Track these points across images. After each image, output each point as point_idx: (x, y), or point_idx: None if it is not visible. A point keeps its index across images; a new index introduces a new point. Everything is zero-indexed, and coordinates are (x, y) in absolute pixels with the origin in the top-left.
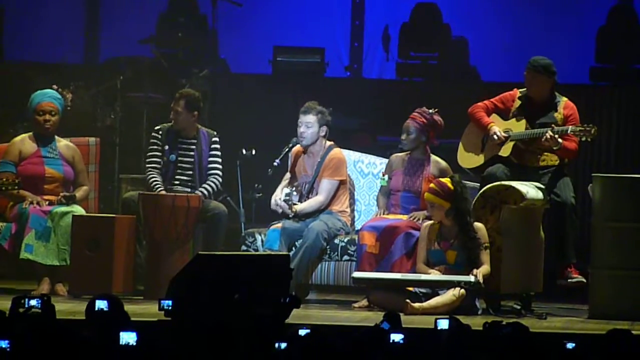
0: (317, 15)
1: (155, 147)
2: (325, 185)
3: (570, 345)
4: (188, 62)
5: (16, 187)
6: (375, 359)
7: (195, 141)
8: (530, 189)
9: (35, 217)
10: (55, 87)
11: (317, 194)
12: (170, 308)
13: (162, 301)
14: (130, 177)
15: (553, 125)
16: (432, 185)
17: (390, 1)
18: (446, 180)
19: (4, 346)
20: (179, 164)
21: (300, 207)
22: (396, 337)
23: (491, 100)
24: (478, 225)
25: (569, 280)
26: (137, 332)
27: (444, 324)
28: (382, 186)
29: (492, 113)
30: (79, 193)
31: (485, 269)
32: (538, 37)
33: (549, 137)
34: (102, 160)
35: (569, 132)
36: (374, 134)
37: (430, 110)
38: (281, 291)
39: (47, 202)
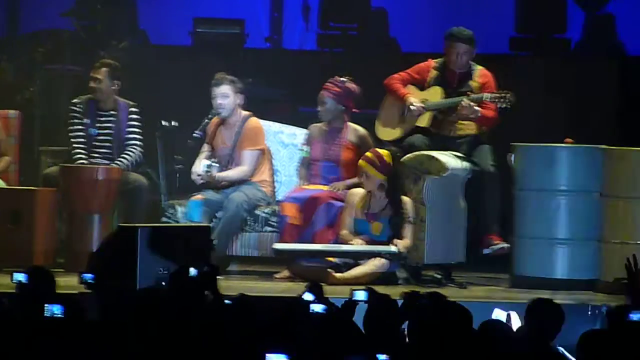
0: None
1: (76, 120)
2: (247, 156)
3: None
4: (107, 34)
5: None
6: (296, 330)
7: (114, 113)
8: (450, 159)
9: None
10: None
11: (237, 165)
12: (91, 282)
13: (83, 275)
14: (50, 150)
15: (469, 93)
16: (368, 154)
17: None
18: (384, 153)
19: None
20: (99, 137)
21: (221, 174)
22: (317, 308)
23: (407, 71)
24: (405, 199)
25: (492, 246)
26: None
27: (360, 295)
28: (303, 157)
29: (408, 84)
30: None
31: (406, 242)
32: (457, 7)
33: (465, 104)
34: (22, 132)
35: (484, 99)
36: (294, 105)
37: (343, 79)
38: (202, 262)
39: None
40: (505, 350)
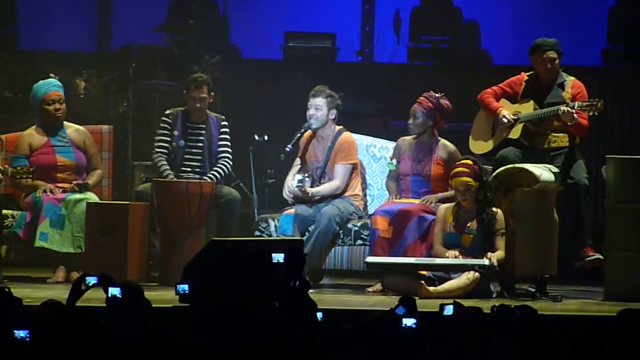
0: (328, 0)
1: (164, 131)
2: (340, 170)
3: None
4: (199, 48)
5: (30, 176)
6: (387, 343)
7: (204, 126)
8: (543, 171)
9: (49, 205)
10: (52, 75)
11: (329, 179)
12: (186, 293)
13: (178, 285)
14: (143, 165)
15: (568, 101)
16: (462, 168)
17: None
18: (469, 161)
19: (23, 336)
20: (188, 150)
21: (315, 189)
22: (408, 322)
23: (499, 85)
24: (495, 210)
25: (587, 259)
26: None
27: (448, 309)
28: (390, 171)
29: (501, 98)
30: (92, 179)
31: (500, 254)
32: (549, 19)
33: (565, 111)
34: (115, 147)
35: (575, 108)
36: (385, 118)
37: (437, 94)
38: (294, 276)
39: (60, 190)
40: None
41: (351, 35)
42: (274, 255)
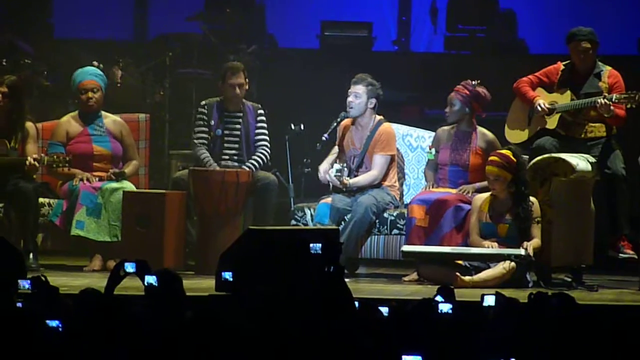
0: None
1: (201, 122)
2: (379, 161)
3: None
4: (236, 38)
5: (67, 165)
6: (423, 329)
7: (241, 114)
8: (580, 161)
9: (85, 193)
10: (95, 63)
11: (366, 168)
12: (229, 281)
13: (222, 273)
14: (180, 153)
15: (605, 94)
16: (494, 157)
17: None
18: (507, 152)
19: (55, 326)
20: (226, 138)
21: (353, 180)
22: (444, 307)
23: (535, 74)
24: (532, 199)
25: (621, 254)
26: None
27: (490, 300)
28: (429, 160)
29: (537, 87)
30: (129, 168)
31: (536, 242)
32: (585, 9)
33: (603, 103)
34: (152, 136)
35: (614, 99)
36: (422, 107)
37: (474, 82)
38: (330, 263)
39: (97, 179)
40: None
41: (388, 25)
42: (311, 245)
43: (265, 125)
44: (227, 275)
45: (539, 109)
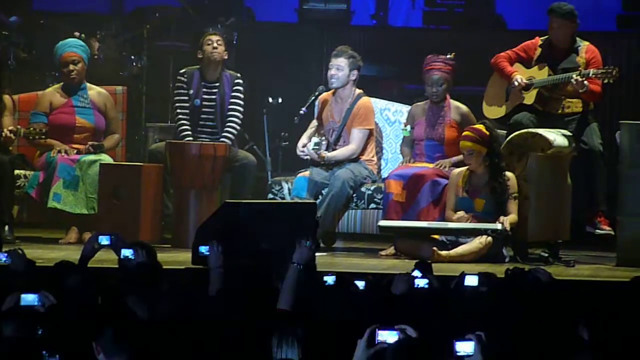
0: None
1: (181, 90)
2: (357, 135)
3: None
4: (214, 10)
5: (43, 137)
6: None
7: (218, 84)
8: (557, 136)
9: (63, 165)
10: (77, 33)
11: (344, 142)
12: (205, 255)
13: (200, 247)
14: (156, 126)
15: (580, 69)
16: (467, 132)
17: None
18: (480, 126)
19: (31, 300)
20: (203, 109)
21: (331, 154)
22: (421, 282)
23: (513, 49)
24: (508, 174)
25: (597, 230)
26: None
27: (472, 280)
28: (404, 137)
29: (515, 62)
30: (109, 142)
31: (512, 217)
32: None
33: (577, 80)
34: (129, 108)
35: (591, 75)
36: (400, 82)
37: (449, 56)
38: (307, 238)
39: (75, 151)
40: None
41: None
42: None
43: (240, 95)
44: (204, 249)
45: (516, 84)
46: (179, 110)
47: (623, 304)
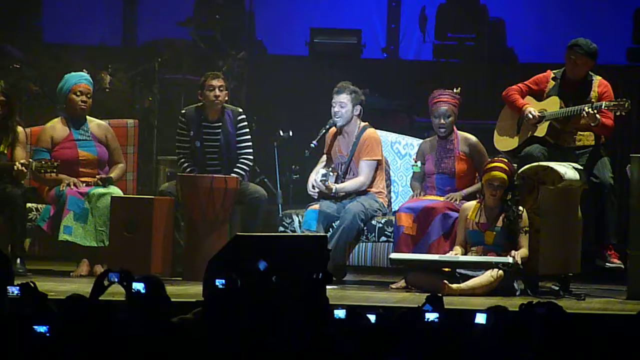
0: None
1: (182, 131)
2: (364, 166)
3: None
4: (225, 43)
5: (54, 170)
6: (411, 338)
7: (220, 124)
8: (568, 170)
9: (72, 198)
10: (85, 71)
11: (353, 175)
12: (222, 287)
13: (216, 280)
14: (168, 159)
15: (593, 101)
16: (499, 164)
17: None
18: (505, 159)
19: (43, 331)
20: (206, 150)
21: (339, 185)
22: (431, 316)
23: (525, 82)
24: (520, 208)
25: (607, 264)
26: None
27: (481, 318)
28: (414, 172)
29: (527, 95)
30: (115, 173)
31: (523, 251)
32: (574, 18)
33: (589, 112)
34: (140, 142)
35: (603, 107)
36: (411, 115)
37: (455, 90)
38: (317, 271)
39: (84, 184)
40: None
41: (377, 32)
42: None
43: (247, 130)
44: (220, 282)
45: (530, 116)
46: (179, 151)
47: (634, 338)
